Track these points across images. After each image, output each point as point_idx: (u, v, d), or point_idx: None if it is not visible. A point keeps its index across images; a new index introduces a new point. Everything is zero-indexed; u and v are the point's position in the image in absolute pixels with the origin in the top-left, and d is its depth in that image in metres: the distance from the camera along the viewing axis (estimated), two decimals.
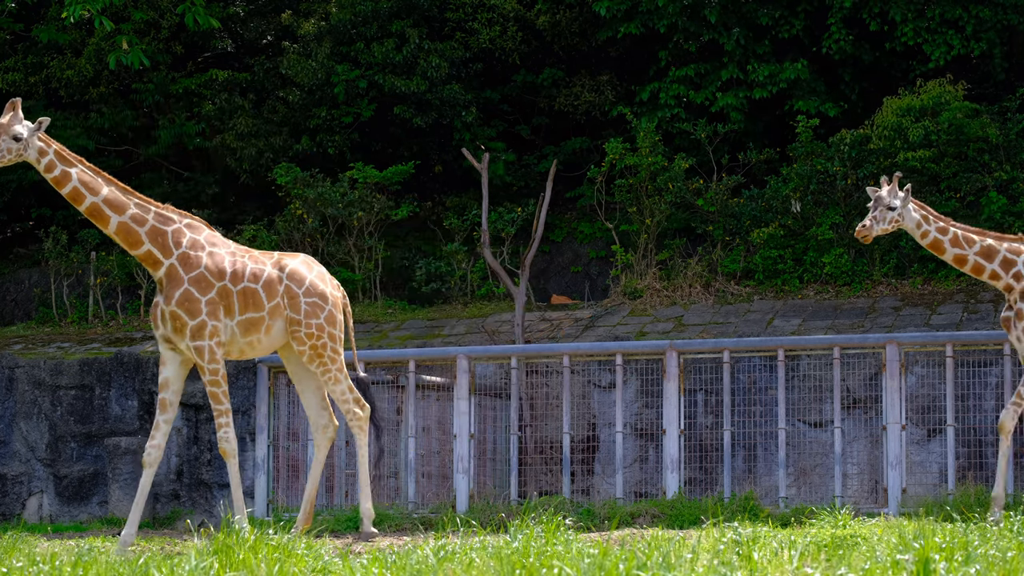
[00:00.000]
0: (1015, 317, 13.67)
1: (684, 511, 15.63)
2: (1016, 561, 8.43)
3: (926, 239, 13.72)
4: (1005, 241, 13.78)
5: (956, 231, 13.76)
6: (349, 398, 13.62)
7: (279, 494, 17.69)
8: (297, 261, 13.55)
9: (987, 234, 13.81)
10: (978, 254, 13.69)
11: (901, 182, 13.96)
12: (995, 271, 13.70)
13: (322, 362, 13.45)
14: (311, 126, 25.83)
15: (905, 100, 22.45)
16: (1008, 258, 13.69)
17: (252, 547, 9.56)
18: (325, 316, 13.42)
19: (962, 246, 13.71)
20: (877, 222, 13.61)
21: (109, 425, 19.26)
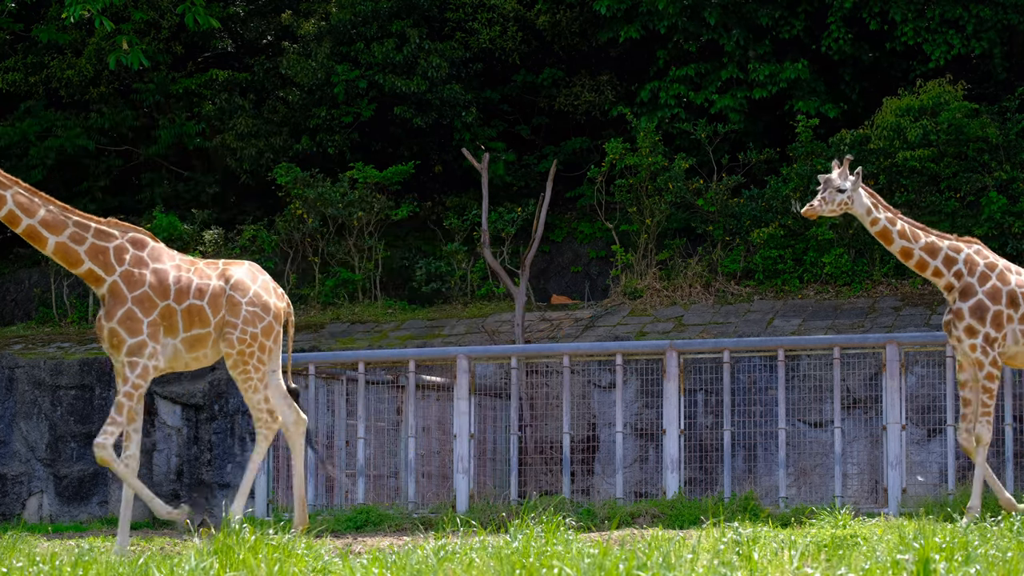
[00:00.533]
0: (955, 317, 13.52)
1: (684, 511, 15.62)
2: (1016, 561, 8.43)
3: (876, 226, 13.55)
4: (947, 239, 13.63)
5: (904, 224, 13.60)
6: (264, 408, 13.46)
7: (279, 494, 17.68)
8: (242, 270, 13.34)
9: (931, 231, 13.65)
10: (923, 249, 13.53)
11: (852, 165, 13.84)
12: (938, 268, 13.53)
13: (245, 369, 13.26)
14: (311, 126, 25.83)
15: (905, 100, 22.45)
16: (949, 256, 13.54)
17: (252, 547, 9.56)
18: (263, 326, 13.23)
19: (909, 239, 13.53)
20: (825, 203, 13.44)
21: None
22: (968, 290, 13.50)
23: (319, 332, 22.08)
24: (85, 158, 27.22)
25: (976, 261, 13.58)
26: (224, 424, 18.74)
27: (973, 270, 13.54)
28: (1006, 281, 13.56)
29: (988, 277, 13.53)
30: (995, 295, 13.47)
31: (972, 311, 13.41)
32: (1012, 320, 13.52)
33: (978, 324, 13.40)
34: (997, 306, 13.44)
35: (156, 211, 25.41)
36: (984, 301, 13.43)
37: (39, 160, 26.59)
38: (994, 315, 13.42)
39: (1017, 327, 13.56)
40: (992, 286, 13.50)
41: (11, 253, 27.67)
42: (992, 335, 13.43)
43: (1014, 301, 13.53)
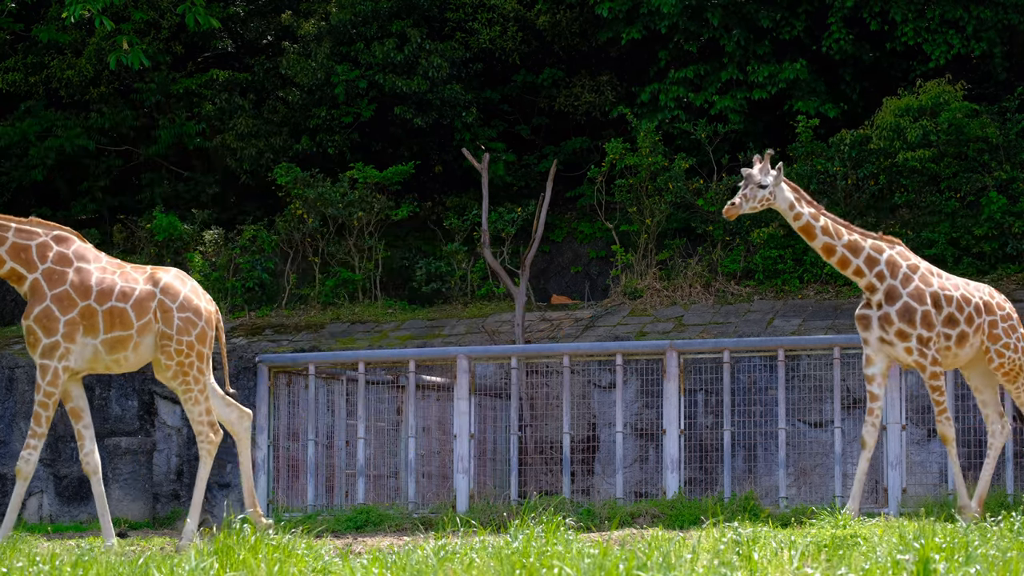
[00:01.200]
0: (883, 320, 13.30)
1: (684, 511, 15.62)
2: (1016, 561, 8.43)
3: (798, 222, 13.31)
4: (869, 238, 13.43)
5: (828, 220, 13.37)
6: (205, 420, 13.37)
7: (279, 494, 17.68)
8: (171, 275, 13.20)
9: (854, 229, 13.45)
10: (846, 247, 13.31)
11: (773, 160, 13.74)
12: (859, 267, 13.33)
13: (185, 380, 13.13)
14: (311, 126, 25.83)
15: (904, 100, 22.44)
16: (872, 256, 13.35)
17: (252, 547, 9.56)
18: (197, 333, 13.09)
19: (832, 236, 13.31)
20: (747, 200, 13.28)
21: (109, 425, 19.26)
22: (892, 293, 13.32)
23: (319, 332, 22.08)
24: (85, 158, 27.22)
25: (898, 263, 13.41)
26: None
27: (895, 272, 13.37)
28: (928, 283, 13.44)
29: (911, 279, 13.37)
30: (919, 296, 13.31)
31: (900, 314, 13.24)
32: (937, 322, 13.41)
33: (908, 327, 13.24)
34: (924, 307, 13.29)
35: (156, 211, 25.40)
36: (910, 303, 13.27)
37: (39, 160, 26.59)
38: (923, 315, 13.26)
39: (940, 329, 13.41)
40: (915, 288, 13.34)
41: None
42: (925, 335, 13.28)
43: (937, 303, 13.40)
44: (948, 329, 13.44)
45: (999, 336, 13.70)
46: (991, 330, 13.67)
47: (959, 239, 21.79)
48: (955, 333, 13.48)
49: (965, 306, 13.55)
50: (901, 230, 22.05)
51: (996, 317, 13.73)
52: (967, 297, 13.60)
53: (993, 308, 13.76)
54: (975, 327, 13.60)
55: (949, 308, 13.46)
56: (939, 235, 21.75)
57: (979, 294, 13.75)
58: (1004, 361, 13.74)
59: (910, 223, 22.10)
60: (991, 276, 21.36)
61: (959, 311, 13.50)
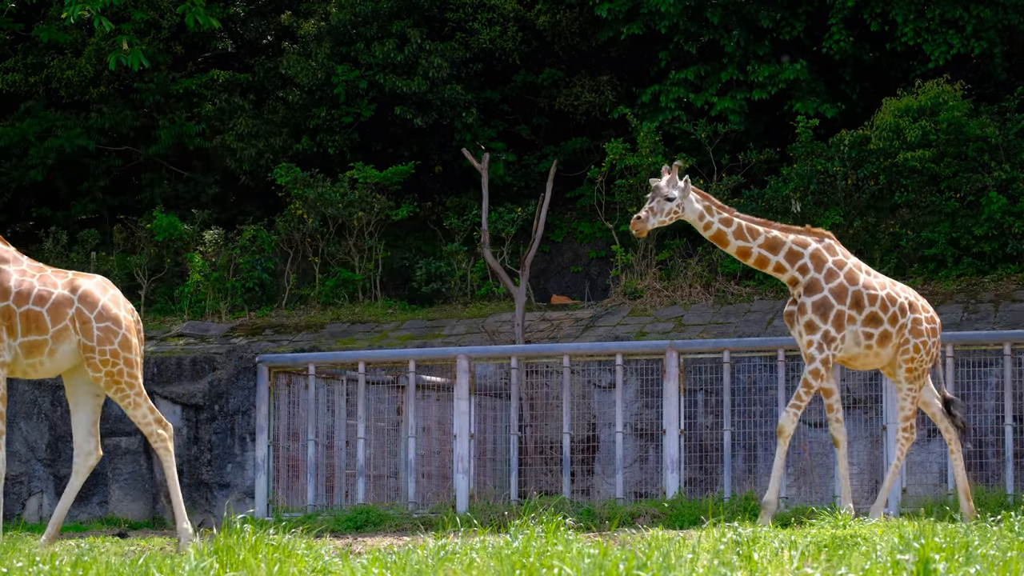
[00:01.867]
0: (798, 311, 13.08)
1: (684, 511, 15.63)
2: (1016, 561, 8.43)
3: (709, 231, 13.06)
4: (791, 233, 13.17)
5: (740, 222, 13.10)
6: (151, 419, 13.27)
7: (279, 494, 17.69)
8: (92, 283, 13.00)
9: (772, 225, 13.20)
10: (762, 246, 13.06)
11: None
12: (780, 263, 13.08)
13: (119, 388, 13.02)
14: (311, 126, 25.83)
15: (904, 100, 22.45)
16: (794, 250, 13.08)
17: (252, 547, 9.56)
18: (119, 341, 12.95)
19: (746, 238, 13.06)
20: (654, 214, 12.92)
21: (109, 425, 19.26)
22: (814, 286, 13.08)
23: (319, 332, 22.08)
24: (85, 158, 27.23)
25: (824, 257, 13.16)
26: (224, 424, 18.75)
27: (820, 266, 13.12)
28: (854, 280, 13.18)
29: (835, 275, 13.13)
30: (840, 294, 13.08)
31: (815, 307, 13.00)
32: (855, 321, 13.15)
33: (820, 321, 13.00)
34: (841, 306, 13.05)
35: (156, 211, 25.41)
36: (829, 299, 13.03)
37: (39, 160, 26.60)
38: (837, 314, 13.03)
39: (860, 328, 13.19)
40: (839, 284, 13.10)
41: None
42: (832, 334, 13.04)
43: (859, 302, 13.16)
44: (870, 328, 13.21)
45: (921, 332, 13.45)
46: (915, 326, 13.42)
47: (959, 239, 21.78)
48: (877, 332, 13.25)
49: (890, 305, 13.31)
50: (901, 230, 22.06)
51: (920, 316, 13.50)
52: (892, 296, 13.35)
53: (918, 308, 13.54)
54: (899, 326, 13.35)
55: (872, 307, 13.22)
56: (939, 235, 21.75)
57: (905, 295, 13.52)
58: (916, 357, 13.45)
59: (910, 223, 22.10)
60: (991, 276, 21.36)
61: (883, 310, 13.26)
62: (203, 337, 22.11)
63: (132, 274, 24.71)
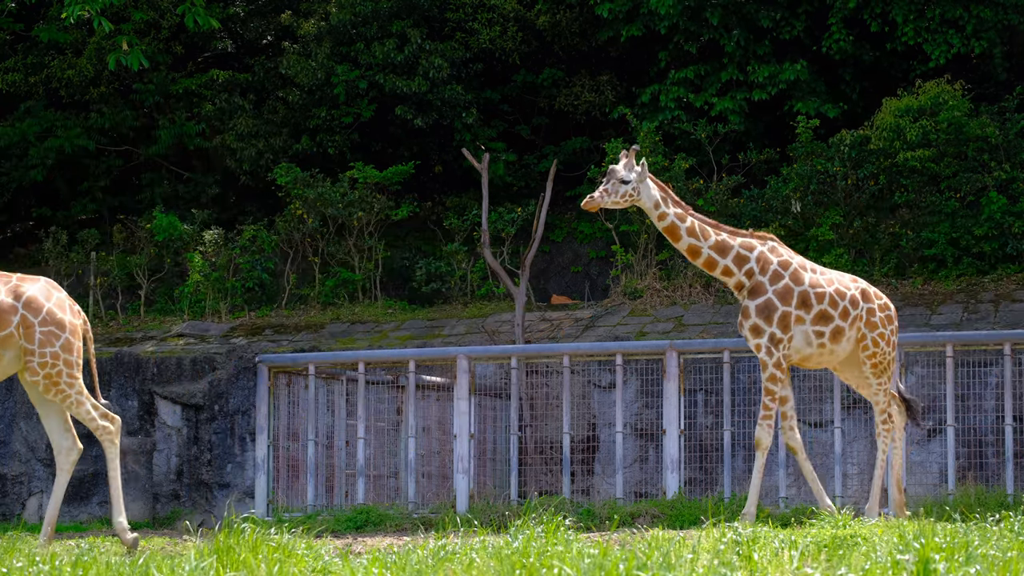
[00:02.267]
0: (742, 315, 12.97)
1: (684, 511, 15.62)
2: (1016, 561, 8.43)
3: (663, 221, 12.87)
4: (738, 236, 13.03)
5: (694, 220, 12.96)
6: (95, 415, 13.25)
7: (279, 494, 17.68)
8: (37, 287, 12.95)
9: (723, 228, 13.06)
10: (712, 248, 12.92)
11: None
12: (727, 267, 12.93)
13: (59, 390, 12.96)
14: (311, 126, 25.83)
15: (904, 100, 22.45)
16: (741, 254, 12.93)
17: (252, 547, 9.56)
18: (61, 344, 12.83)
19: (698, 237, 12.92)
20: (608, 195, 12.78)
21: None
22: (758, 289, 12.93)
23: (319, 332, 22.08)
24: (85, 158, 27.22)
25: (769, 259, 13.01)
26: (224, 424, 18.74)
27: (765, 268, 12.98)
28: (799, 281, 13.02)
29: (780, 276, 12.97)
30: (785, 295, 12.92)
31: (759, 310, 12.88)
32: (803, 321, 12.98)
33: (764, 324, 12.88)
34: (786, 307, 12.90)
35: (156, 211, 25.41)
36: (773, 300, 12.89)
37: (39, 160, 26.59)
38: (781, 316, 12.88)
39: (809, 328, 13.03)
40: (784, 285, 12.94)
41: (11, 253, 27.66)
42: (778, 336, 12.89)
43: (806, 302, 12.99)
44: (821, 327, 13.05)
45: (876, 324, 13.31)
46: (869, 318, 13.27)
47: (959, 239, 21.78)
48: (829, 330, 13.08)
49: (839, 300, 13.14)
50: (901, 230, 22.05)
51: (873, 306, 13.33)
52: (841, 291, 13.17)
53: (871, 297, 13.36)
54: (851, 320, 13.18)
55: (820, 305, 13.04)
56: (939, 235, 21.75)
57: (855, 286, 13.35)
58: (877, 351, 13.35)
59: (910, 223, 22.10)
60: (991, 276, 21.36)
61: (832, 307, 13.09)
62: (203, 337, 22.11)
63: (132, 274, 24.71)
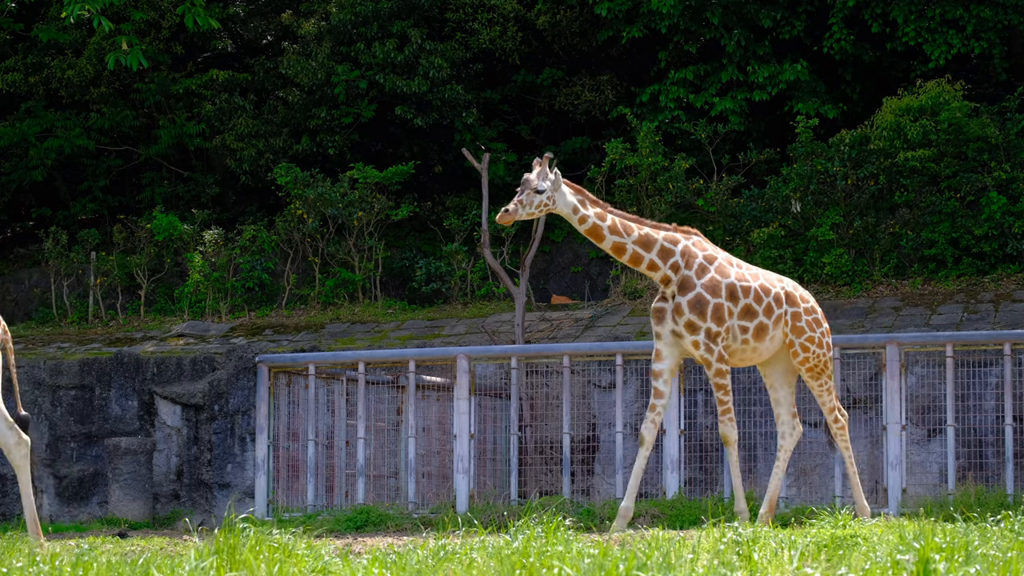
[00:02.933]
0: (674, 312, 12.75)
1: (684, 511, 15.61)
2: (1016, 561, 8.43)
3: (584, 225, 12.75)
4: (661, 230, 12.86)
5: (615, 218, 12.81)
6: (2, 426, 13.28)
7: (279, 494, 17.68)
8: None
9: (644, 222, 12.91)
10: (636, 243, 12.74)
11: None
12: (653, 261, 12.75)
13: None
14: (311, 126, 25.83)
15: (904, 100, 22.45)
16: (666, 247, 12.76)
17: (252, 547, 9.55)
18: None
19: (621, 234, 12.76)
20: (523, 206, 12.73)
21: (109, 425, 19.27)
22: (686, 284, 12.77)
23: (319, 332, 22.08)
24: (85, 158, 27.22)
25: (694, 253, 12.88)
26: (224, 424, 18.74)
27: (690, 263, 12.83)
28: (725, 274, 12.87)
29: (706, 270, 12.83)
30: (714, 288, 12.76)
31: (692, 305, 12.70)
32: (732, 315, 12.85)
33: (698, 319, 12.71)
34: (717, 299, 12.73)
35: (156, 211, 25.41)
36: (703, 295, 12.72)
37: (39, 160, 26.60)
38: (715, 308, 12.71)
39: (736, 323, 12.87)
40: (710, 279, 12.79)
41: (11, 253, 27.67)
42: (714, 330, 12.73)
43: (733, 295, 12.83)
44: (745, 322, 12.89)
45: (803, 329, 13.07)
46: (794, 322, 13.05)
47: (959, 239, 21.78)
48: (752, 326, 12.91)
49: (764, 296, 12.96)
50: (901, 230, 22.05)
51: (799, 309, 13.11)
52: (766, 287, 13.00)
53: (796, 299, 13.14)
54: (775, 318, 12.99)
55: (746, 299, 12.87)
56: (939, 235, 21.76)
57: (780, 285, 13.15)
58: (809, 356, 13.11)
59: (910, 223, 22.10)
60: (991, 276, 21.36)
61: (757, 302, 12.91)
62: (203, 337, 22.11)
63: (132, 274, 24.70)
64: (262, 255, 24.29)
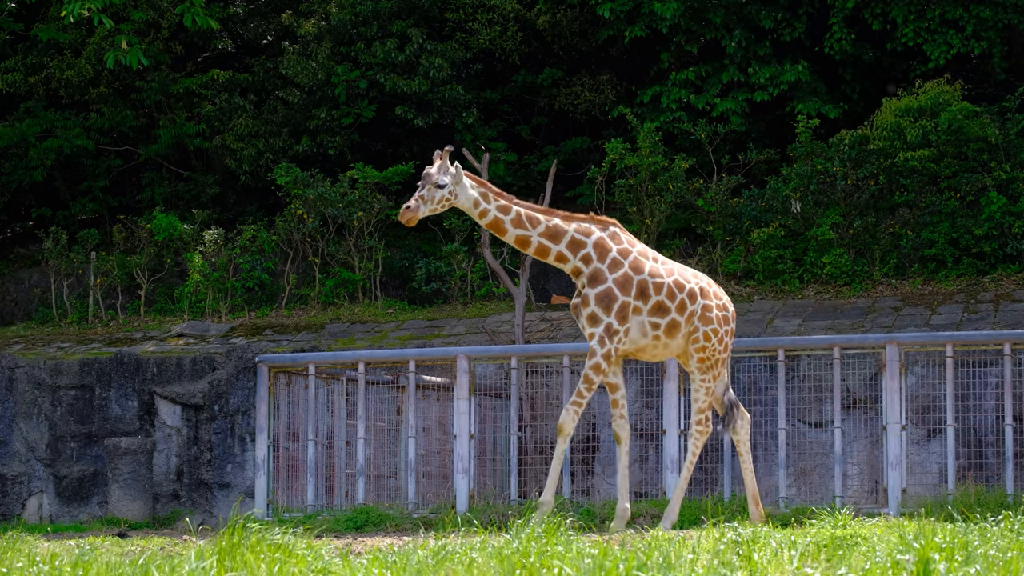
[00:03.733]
0: (581, 303, 12.58)
1: (684, 511, 15.61)
2: (1016, 561, 8.43)
3: (485, 219, 12.57)
4: (574, 221, 12.64)
5: (520, 210, 12.58)
6: None
7: (279, 494, 17.68)
8: None
9: (554, 213, 12.66)
10: (543, 235, 12.53)
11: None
12: (561, 253, 12.55)
13: None
14: (311, 127, 25.83)
15: (904, 100, 22.46)
16: (576, 239, 12.55)
17: (253, 547, 9.56)
18: None
19: (525, 226, 12.54)
20: (424, 202, 12.54)
21: (109, 425, 19.26)
22: (597, 276, 12.57)
23: (319, 332, 22.08)
24: (85, 158, 27.23)
25: (608, 246, 12.65)
26: (224, 424, 18.74)
27: (604, 255, 12.63)
28: (639, 269, 12.66)
29: (620, 264, 12.61)
30: (625, 284, 12.57)
31: (599, 299, 12.51)
32: (640, 312, 12.66)
33: (603, 313, 12.51)
34: (625, 297, 12.55)
35: (156, 211, 25.41)
36: (613, 290, 12.53)
37: (39, 160, 26.60)
38: (621, 306, 12.54)
39: (646, 319, 12.71)
40: (623, 274, 12.59)
41: (11, 253, 27.67)
42: (614, 327, 12.54)
43: (644, 292, 12.65)
44: (656, 318, 12.73)
45: (711, 320, 12.92)
46: (704, 313, 12.88)
47: (959, 239, 21.79)
48: (664, 322, 12.77)
49: (678, 292, 12.79)
50: (901, 230, 22.05)
51: (711, 303, 12.97)
52: (680, 283, 12.83)
53: (709, 295, 13.00)
54: (688, 314, 12.84)
55: (658, 296, 12.71)
56: (939, 235, 21.76)
57: (695, 281, 13.00)
58: (707, 346, 12.95)
59: (910, 223, 22.10)
60: (991, 276, 21.35)
61: (670, 298, 12.75)
62: (203, 337, 22.11)
63: (132, 274, 24.70)
64: (262, 255, 24.29)
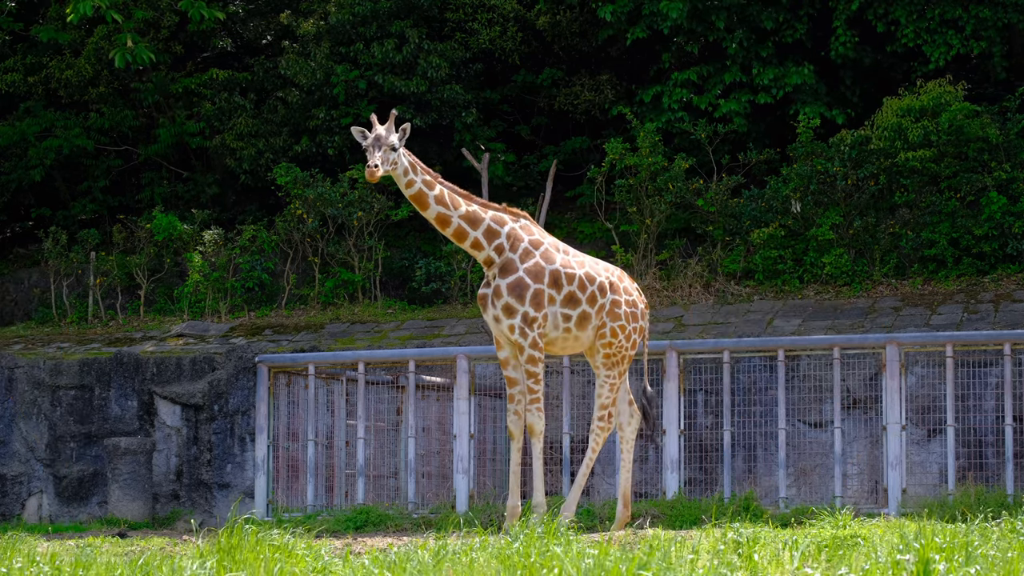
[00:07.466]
0: (493, 295, 12.54)
1: (684, 511, 15.62)
2: (1016, 561, 8.43)
3: (411, 189, 12.56)
4: (490, 210, 12.64)
5: (444, 189, 12.61)
6: None
7: (279, 494, 17.68)
8: None
9: (475, 200, 12.68)
10: (463, 218, 12.52)
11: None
12: (478, 239, 12.53)
13: None
14: (311, 127, 25.83)
15: (905, 101, 22.46)
16: (492, 228, 12.55)
17: (253, 547, 9.56)
18: None
19: (447, 206, 12.50)
20: (385, 163, 12.55)
21: (109, 425, 19.26)
22: (508, 266, 12.54)
23: (319, 332, 22.08)
24: (85, 158, 27.22)
25: (520, 236, 12.64)
26: (224, 424, 18.75)
27: (516, 246, 12.60)
28: (550, 260, 12.65)
29: (531, 254, 12.60)
30: (537, 274, 12.53)
31: (511, 289, 12.47)
32: (554, 302, 12.63)
33: (517, 303, 12.47)
34: (538, 284, 12.51)
35: (156, 211, 25.41)
36: (524, 279, 12.50)
37: (39, 160, 26.59)
38: (535, 293, 12.48)
39: (558, 310, 12.67)
40: (535, 264, 12.56)
41: (11, 253, 27.66)
42: (532, 315, 12.47)
43: (557, 282, 12.62)
44: (568, 310, 12.70)
45: (619, 315, 12.91)
46: (613, 308, 12.87)
47: (959, 239, 21.78)
48: (575, 314, 12.73)
49: (588, 285, 12.78)
50: (901, 230, 22.05)
51: (620, 298, 12.95)
52: (591, 276, 12.82)
53: (619, 289, 12.99)
54: (598, 307, 12.83)
55: (570, 287, 12.68)
56: (939, 235, 21.76)
57: (607, 274, 12.98)
58: (614, 341, 12.95)
59: (910, 223, 22.10)
60: (991, 276, 21.35)
61: (581, 290, 12.74)
62: (203, 337, 22.10)
63: (132, 274, 24.69)
64: (262, 255, 24.29)
